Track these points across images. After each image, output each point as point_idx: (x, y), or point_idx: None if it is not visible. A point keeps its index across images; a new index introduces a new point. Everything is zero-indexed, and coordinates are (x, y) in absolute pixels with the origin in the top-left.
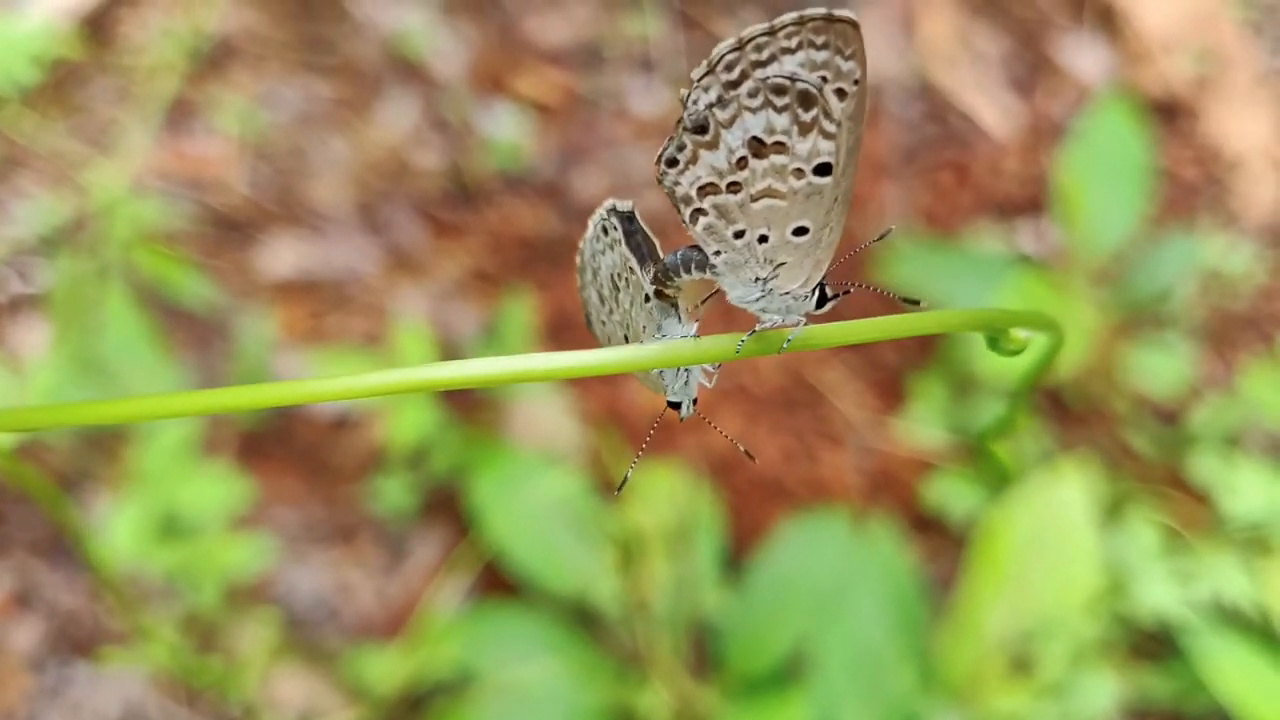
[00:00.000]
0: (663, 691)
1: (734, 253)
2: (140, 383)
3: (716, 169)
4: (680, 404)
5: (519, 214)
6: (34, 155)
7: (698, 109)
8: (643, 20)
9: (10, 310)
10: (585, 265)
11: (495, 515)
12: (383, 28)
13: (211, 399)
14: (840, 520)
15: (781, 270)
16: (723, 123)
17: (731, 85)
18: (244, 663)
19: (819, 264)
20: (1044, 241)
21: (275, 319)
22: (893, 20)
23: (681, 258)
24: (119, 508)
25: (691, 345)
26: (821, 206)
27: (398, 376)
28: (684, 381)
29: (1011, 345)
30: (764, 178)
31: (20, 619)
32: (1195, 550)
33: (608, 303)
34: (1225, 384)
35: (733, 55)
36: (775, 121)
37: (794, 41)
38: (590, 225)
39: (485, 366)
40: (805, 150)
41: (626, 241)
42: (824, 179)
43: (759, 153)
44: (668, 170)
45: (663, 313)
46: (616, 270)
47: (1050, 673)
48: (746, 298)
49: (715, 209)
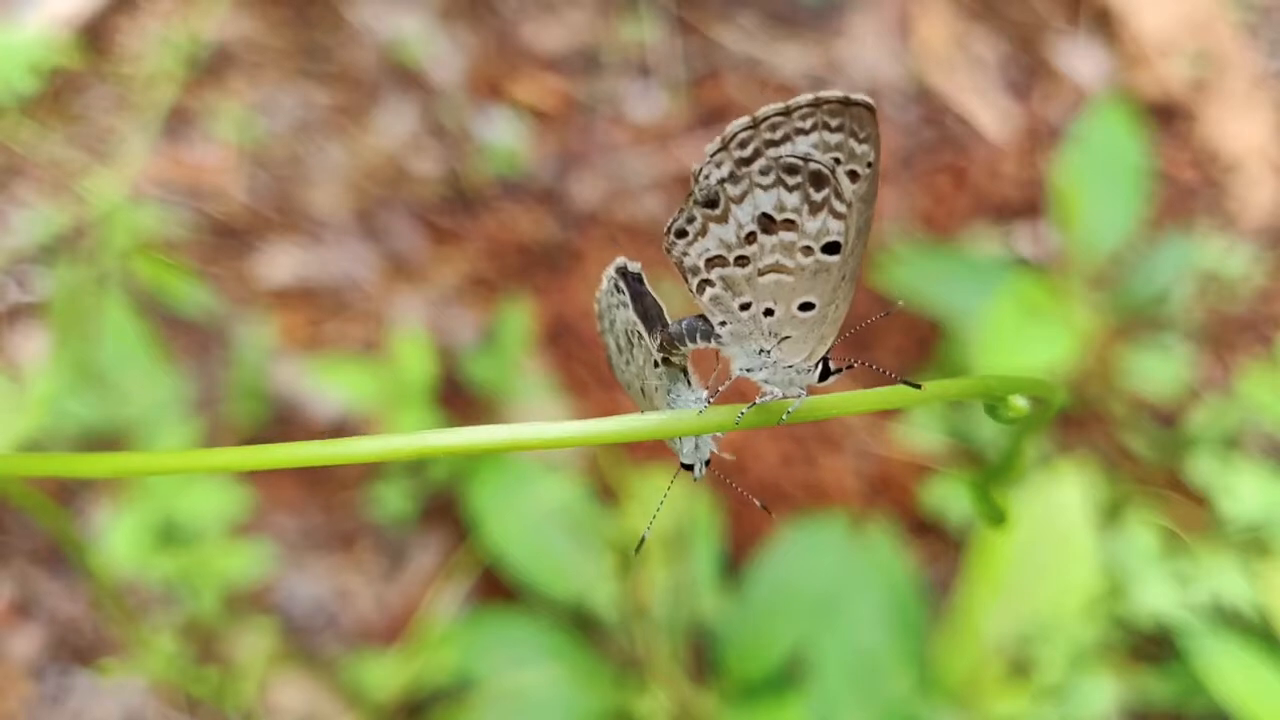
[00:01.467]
0: (661, 696)
1: (739, 324)
2: (138, 391)
3: (725, 242)
4: (693, 466)
5: (517, 220)
6: (32, 164)
7: (709, 183)
8: (639, 26)
9: (9, 319)
10: (603, 314)
11: (494, 521)
12: (380, 35)
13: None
14: (838, 524)
15: (786, 343)
16: (734, 198)
17: (744, 162)
18: (243, 670)
19: (824, 339)
20: (1041, 244)
21: (274, 326)
22: (889, 24)
23: (687, 327)
24: (118, 516)
25: (691, 417)
26: (829, 283)
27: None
28: (694, 445)
29: (1010, 413)
30: (772, 253)
31: (20, 627)
32: (1194, 552)
33: (624, 353)
34: (1223, 386)
35: (747, 133)
36: (786, 200)
37: (809, 123)
38: (604, 279)
39: (492, 434)
40: (815, 229)
41: (634, 304)
42: (832, 257)
43: (768, 229)
44: (676, 241)
45: (672, 378)
46: (628, 327)
47: (1049, 676)
48: (750, 368)
49: (722, 281)
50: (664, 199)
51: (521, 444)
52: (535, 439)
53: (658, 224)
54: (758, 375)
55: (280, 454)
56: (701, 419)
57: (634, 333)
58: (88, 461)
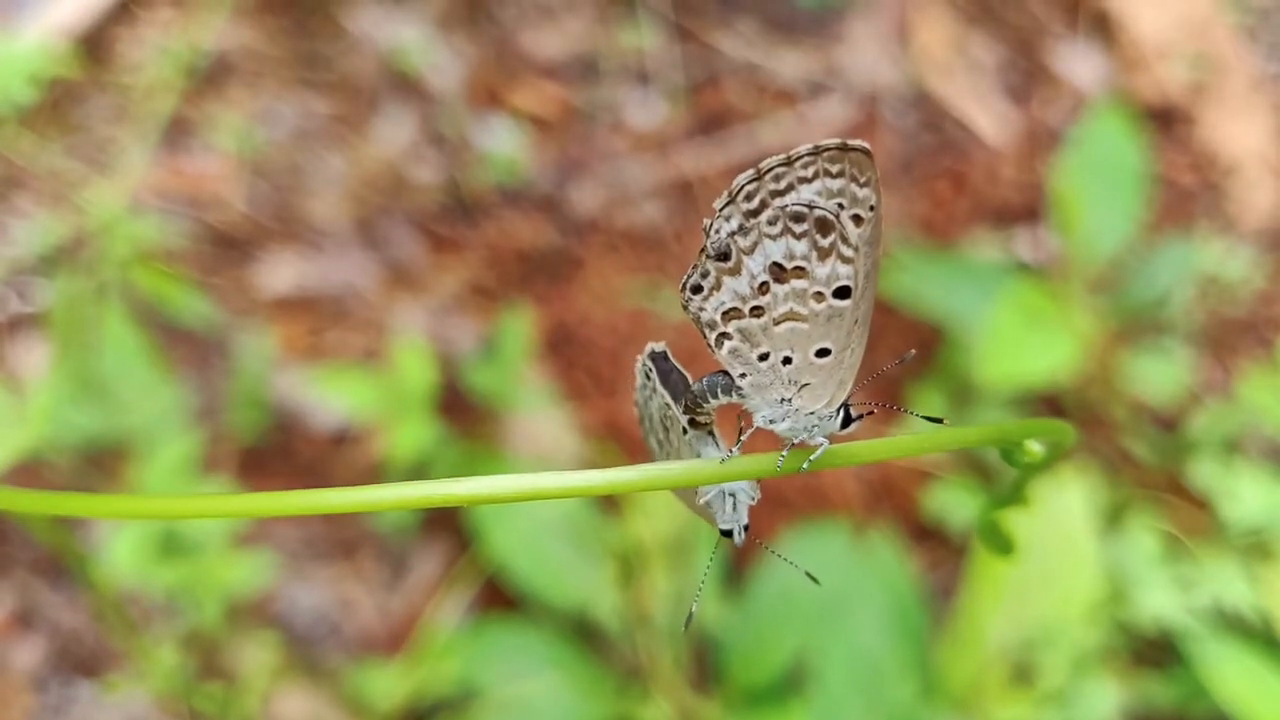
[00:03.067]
0: (664, 704)
1: (759, 375)
2: (139, 402)
3: (739, 294)
4: (732, 531)
5: (517, 228)
6: (32, 175)
7: (720, 237)
8: (638, 33)
9: (9, 330)
10: (643, 415)
11: (496, 530)
12: (379, 43)
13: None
14: (840, 531)
15: (806, 390)
16: (744, 250)
17: (752, 214)
18: (246, 680)
19: (843, 384)
20: (1041, 249)
21: (274, 336)
22: (888, 29)
23: (708, 383)
24: (120, 526)
25: (714, 465)
26: (842, 328)
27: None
28: (732, 507)
29: (1026, 458)
30: (786, 301)
31: (22, 638)
32: (1196, 556)
33: (665, 447)
34: (1224, 390)
35: (752, 185)
36: (794, 248)
37: (810, 171)
38: (637, 374)
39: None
40: (824, 274)
41: (662, 381)
42: (844, 302)
43: (780, 278)
44: (693, 297)
45: (700, 441)
46: (662, 413)
47: (1052, 681)
48: (773, 419)
49: (740, 333)
50: (664, 206)
51: (543, 494)
52: (557, 488)
53: (658, 231)
54: (781, 426)
55: (300, 501)
56: (725, 467)
57: (666, 413)
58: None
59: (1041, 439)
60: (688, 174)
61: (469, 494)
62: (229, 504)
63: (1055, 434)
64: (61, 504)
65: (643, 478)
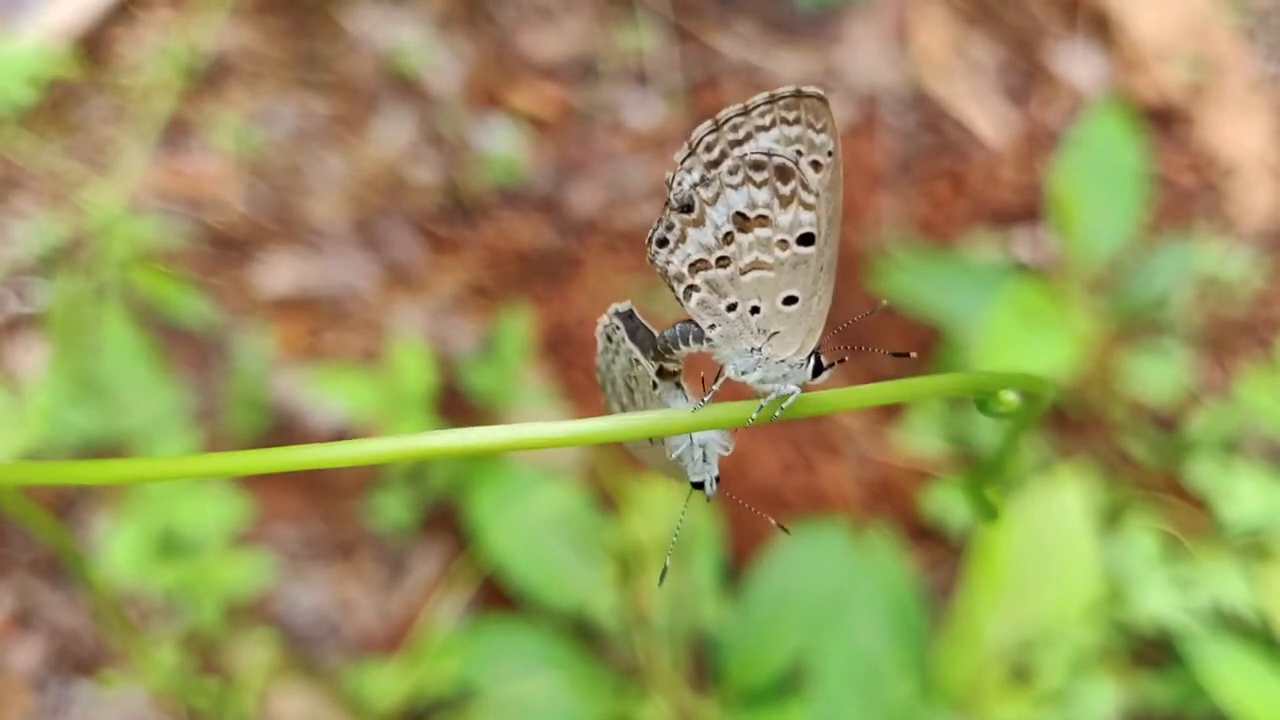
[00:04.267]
0: (663, 704)
1: (728, 325)
2: (138, 402)
3: (705, 245)
4: (703, 483)
5: (516, 229)
6: (31, 175)
7: (682, 189)
8: (637, 34)
9: (8, 330)
10: (604, 379)
11: (494, 530)
12: (378, 44)
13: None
14: (839, 531)
15: (775, 339)
16: (707, 201)
17: (712, 164)
18: (244, 680)
19: (811, 331)
20: (1040, 250)
21: (273, 336)
22: (887, 31)
23: (680, 330)
24: (118, 526)
25: (685, 414)
26: (808, 275)
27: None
28: (702, 457)
29: (1001, 407)
30: (751, 251)
31: (21, 638)
32: (1194, 557)
33: (628, 408)
34: (1223, 390)
35: (711, 136)
36: (756, 196)
37: (767, 119)
38: (598, 339)
39: (493, 434)
40: (787, 222)
41: (630, 338)
42: (808, 249)
43: (744, 227)
44: (659, 250)
45: (669, 394)
46: (627, 372)
47: (1050, 681)
48: (744, 369)
49: (707, 284)
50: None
51: (522, 444)
52: (536, 439)
53: None
54: (752, 376)
55: (283, 458)
56: (695, 416)
57: (631, 373)
58: (90, 469)
59: (1018, 389)
60: None
61: (449, 446)
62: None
63: (1031, 385)
64: (38, 474)
65: (619, 428)
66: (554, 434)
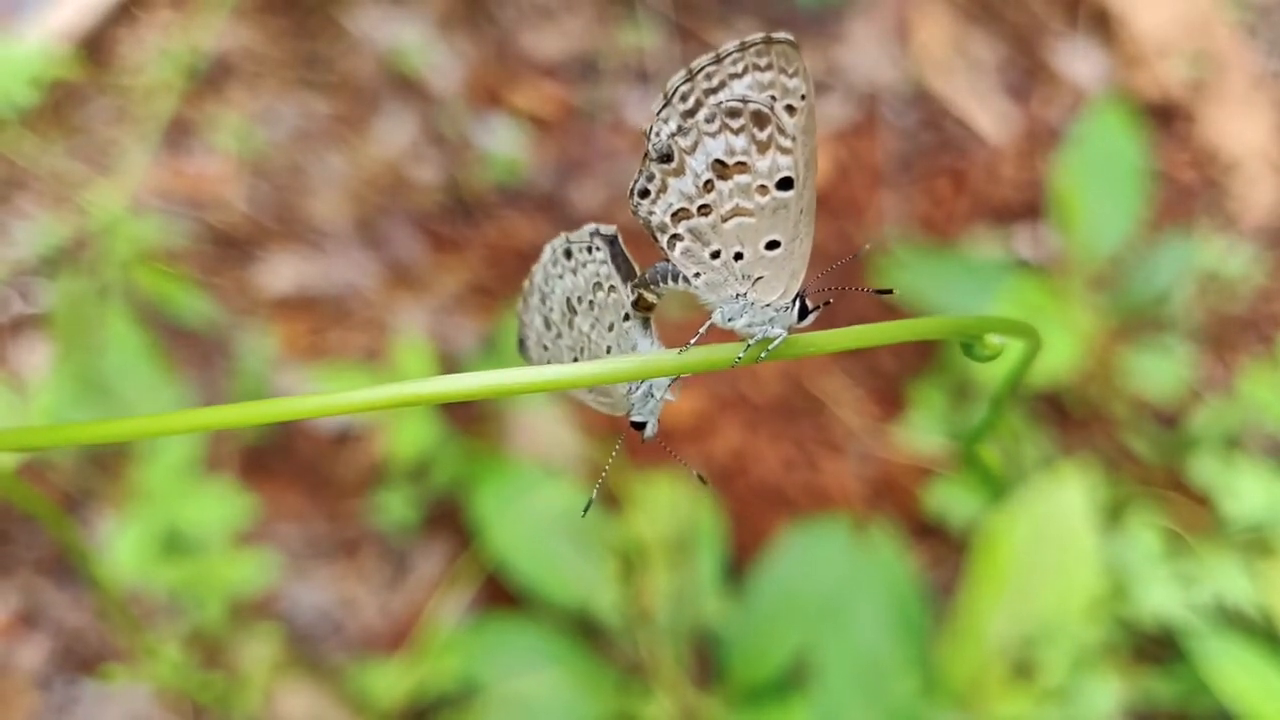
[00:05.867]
0: (665, 701)
1: (713, 273)
2: (141, 401)
3: (686, 194)
4: (645, 424)
5: (517, 227)
6: (33, 176)
7: (661, 140)
8: (637, 32)
9: (12, 330)
10: (534, 289)
11: (497, 528)
12: (379, 44)
13: (212, 416)
14: (841, 528)
15: (760, 284)
16: (685, 150)
17: (689, 114)
18: (248, 678)
19: (795, 274)
20: (1042, 247)
21: (276, 335)
22: (888, 28)
23: (669, 268)
24: (122, 526)
25: (671, 356)
26: (789, 219)
27: (393, 391)
28: (644, 395)
29: (986, 351)
30: (731, 197)
31: (26, 637)
32: (1196, 553)
33: (555, 327)
34: (1225, 386)
35: (685, 86)
36: (734, 143)
37: (740, 66)
38: (548, 250)
39: (480, 380)
40: (766, 167)
41: (611, 262)
42: (787, 193)
43: (723, 174)
44: (641, 201)
45: (639, 331)
46: (577, 294)
47: (1052, 677)
48: (731, 315)
49: (690, 233)
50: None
51: (507, 389)
52: (521, 383)
53: None
54: (739, 322)
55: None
56: (683, 358)
57: (585, 297)
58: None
59: (1001, 333)
60: None
61: (435, 392)
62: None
63: (1015, 330)
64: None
65: (605, 371)
66: (541, 378)
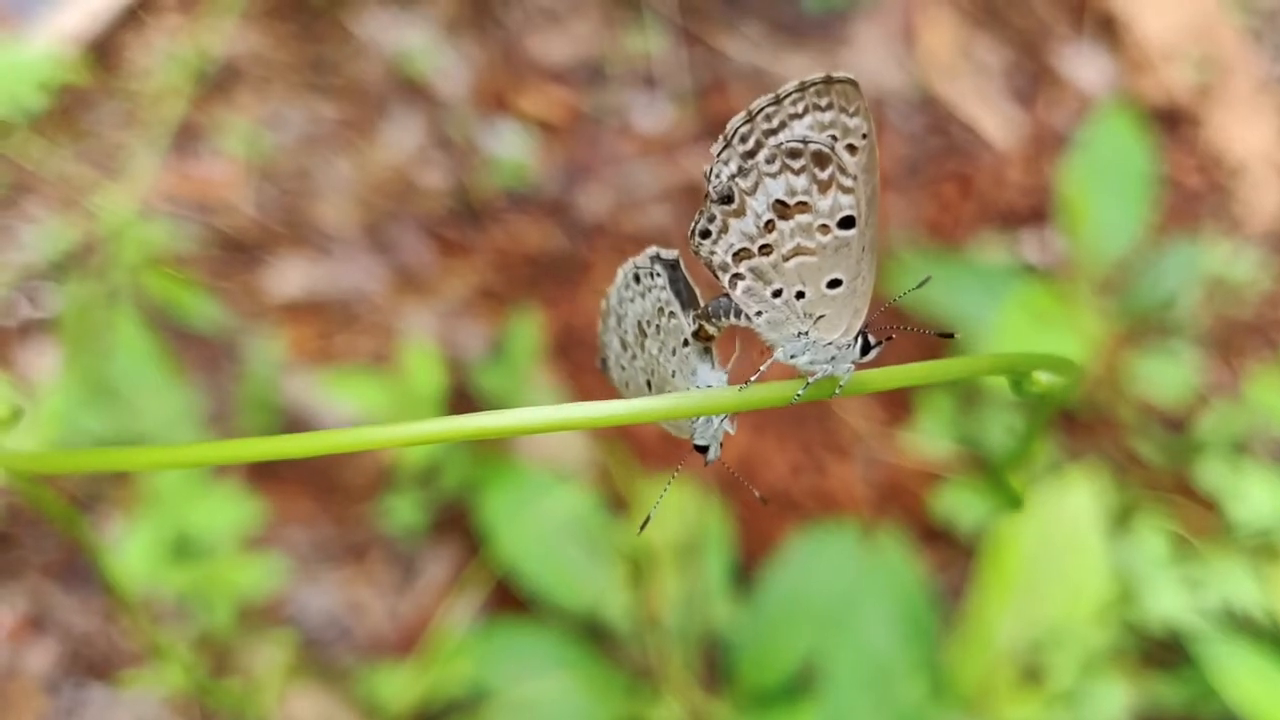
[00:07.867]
0: (674, 705)
1: (774, 311)
2: (150, 406)
3: (747, 234)
4: (707, 448)
5: (525, 232)
6: (42, 180)
7: (721, 181)
8: (644, 37)
9: (20, 335)
10: (610, 310)
11: (506, 532)
12: (386, 48)
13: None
14: (849, 533)
15: (822, 322)
16: (746, 191)
17: (749, 155)
18: (258, 683)
19: (858, 312)
20: (1048, 251)
21: (284, 340)
22: (894, 33)
23: (730, 304)
24: (131, 530)
25: (732, 393)
26: (851, 257)
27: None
28: (707, 422)
29: (1034, 388)
30: (793, 237)
31: (35, 641)
32: (1204, 557)
33: (630, 349)
34: (1232, 391)
35: (745, 127)
36: (795, 183)
37: (800, 107)
38: (620, 274)
39: (533, 416)
40: (827, 206)
41: (670, 287)
42: (849, 231)
43: (784, 214)
44: (702, 241)
45: (699, 358)
46: (646, 317)
47: (1061, 682)
48: (793, 353)
49: (751, 272)
50: (671, 210)
51: (568, 424)
52: (581, 419)
53: (665, 235)
54: (801, 360)
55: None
56: (742, 395)
57: (653, 321)
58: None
59: (1050, 371)
60: (694, 177)
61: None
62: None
63: (1063, 368)
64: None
65: (664, 406)
66: (610, 413)
